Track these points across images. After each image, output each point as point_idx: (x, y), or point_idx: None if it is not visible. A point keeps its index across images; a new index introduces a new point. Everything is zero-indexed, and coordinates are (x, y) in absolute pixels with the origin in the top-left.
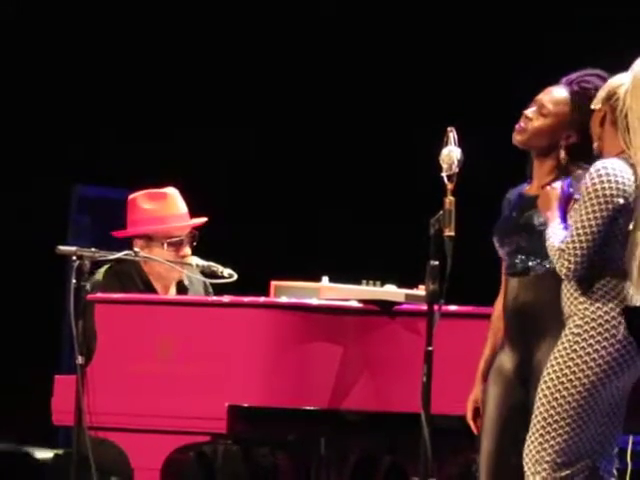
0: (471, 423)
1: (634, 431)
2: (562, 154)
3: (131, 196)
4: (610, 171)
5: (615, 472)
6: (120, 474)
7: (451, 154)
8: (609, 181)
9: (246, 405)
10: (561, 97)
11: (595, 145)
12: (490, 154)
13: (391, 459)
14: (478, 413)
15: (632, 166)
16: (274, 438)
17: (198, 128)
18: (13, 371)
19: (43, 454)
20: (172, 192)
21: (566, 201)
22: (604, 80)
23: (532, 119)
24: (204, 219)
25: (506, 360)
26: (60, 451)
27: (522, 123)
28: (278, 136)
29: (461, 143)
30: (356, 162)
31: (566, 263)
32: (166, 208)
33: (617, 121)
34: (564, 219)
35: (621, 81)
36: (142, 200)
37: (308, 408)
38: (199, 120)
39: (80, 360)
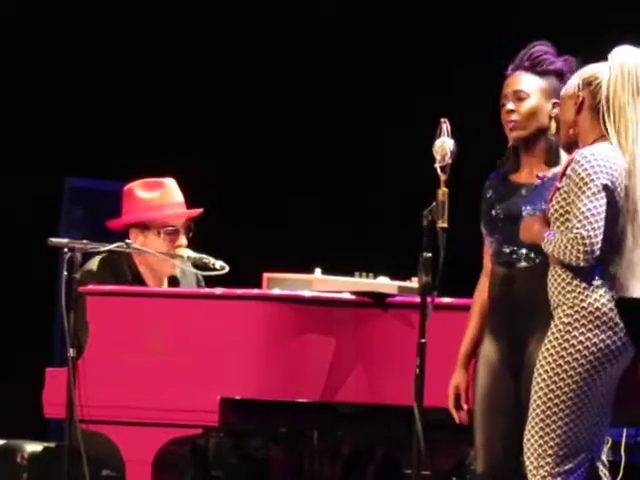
0: (453, 411)
1: (628, 424)
2: (553, 126)
3: (127, 185)
4: (597, 156)
5: (606, 462)
6: (112, 467)
7: (444, 145)
8: (599, 165)
9: (238, 398)
10: (525, 76)
11: (570, 132)
12: (483, 144)
13: (384, 452)
14: (460, 400)
15: (615, 150)
16: (267, 430)
17: (191, 121)
18: (4, 363)
19: (34, 447)
20: (169, 181)
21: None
22: (545, 45)
23: (516, 109)
24: (200, 210)
25: (492, 350)
26: (51, 444)
27: (511, 118)
28: (268, 127)
29: (454, 134)
30: (349, 154)
31: (582, 248)
32: (163, 197)
33: (596, 106)
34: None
35: (599, 68)
36: (138, 189)
37: (301, 400)
38: (192, 113)
39: (71, 352)
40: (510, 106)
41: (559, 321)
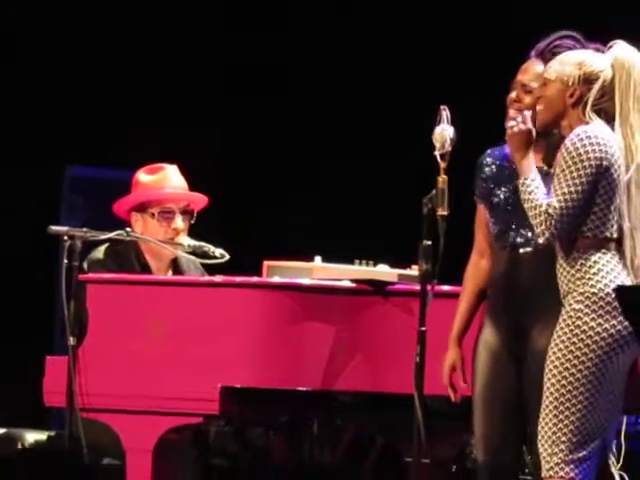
0: (450, 390)
1: (628, 411)
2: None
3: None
4: (591, 134)
5: (615, 451)
6: (112, 455)
7: (444, 133)
8: (591, 144)
9: (238, 386)
10: (539, 70)
11: (560, 122)
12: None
13: (384, 440)
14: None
15: (608, 130)
16: (267, 419)
17: (192, 109)
18: (4, 351)
19: (34, 436)
20: (170, 166)
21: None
22: (575, 39)
23: (520, 100)
24: (200, 195)
25: (491, 336)
26: (52, 433)
27: (514, 107)
28: (268, 115)
29: (454, 121)
30: (348, 141)
31: (552, 224)
32: (161, 179)
33: (586, 103)
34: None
35: (601, 66)
36: (141, 174)
37: (301, 389)
38: (192, 101)
39: (72, 341)
40: (514, 96)
41: (570, 307)
